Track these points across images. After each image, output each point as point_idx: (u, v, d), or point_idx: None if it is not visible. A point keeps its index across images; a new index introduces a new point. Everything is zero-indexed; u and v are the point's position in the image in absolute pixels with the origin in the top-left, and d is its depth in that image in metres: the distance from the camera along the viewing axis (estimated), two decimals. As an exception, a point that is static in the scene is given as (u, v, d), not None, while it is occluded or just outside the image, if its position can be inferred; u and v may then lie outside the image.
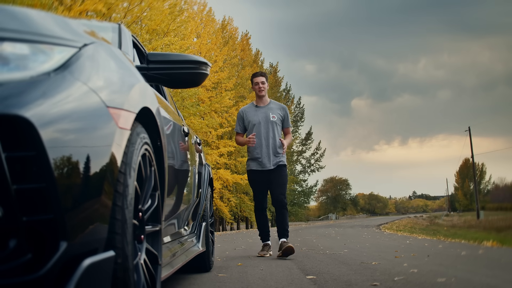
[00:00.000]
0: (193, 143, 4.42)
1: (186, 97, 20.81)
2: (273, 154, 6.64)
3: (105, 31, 2.99)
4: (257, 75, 6.87)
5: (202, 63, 3.00)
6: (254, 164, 6.72)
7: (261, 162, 6.63)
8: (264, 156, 6.62)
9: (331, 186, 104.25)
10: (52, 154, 1.40)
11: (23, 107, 1.37)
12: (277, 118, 6.76)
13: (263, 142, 6.65)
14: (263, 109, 6.79)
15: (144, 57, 2.94)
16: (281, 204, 6.52)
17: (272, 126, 6.69)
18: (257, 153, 6.67)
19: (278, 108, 6.87)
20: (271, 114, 6.75)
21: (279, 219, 6.56)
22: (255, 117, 6.75)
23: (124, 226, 1.73)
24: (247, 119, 6.81)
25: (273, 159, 6.63)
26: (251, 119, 6.76)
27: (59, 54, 1.64)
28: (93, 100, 1.65)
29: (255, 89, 6.85)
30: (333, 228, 25.41)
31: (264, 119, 6.70)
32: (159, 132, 2.44)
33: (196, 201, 4.46)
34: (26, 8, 1.76)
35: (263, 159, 6.62)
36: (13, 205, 1.34)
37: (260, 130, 6.68)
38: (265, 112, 6.75)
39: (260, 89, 6.78)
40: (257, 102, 6.91)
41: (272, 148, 6.64)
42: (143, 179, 2.09)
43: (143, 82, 2.29)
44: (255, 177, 6.71)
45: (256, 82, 6.82)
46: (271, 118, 6.71)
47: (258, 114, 6.76)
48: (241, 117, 6.89)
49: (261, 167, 6.64)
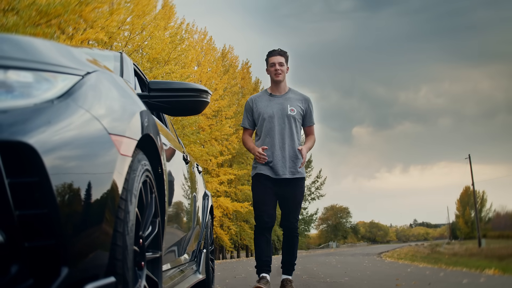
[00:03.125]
0: (193, 171, 4.43)
1: (186, 125, 20.87)
2: (290, 159, 5.08)
3: (107, 60, 3.03)
4: (274, 54, 5.26)
5: (202, 91, 3.03)
6: (264, 168, 5.10)
7: (274, 168, 5.06)
8: (278, 161, 5.05)
9: (332, 214, 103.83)
10: (55, 181, 1.42)
11: (27, 134, 1.39)
12: (297, 111, 5.19)
13: (276, 142, 5.09)
14: (279, 99, 5.22)
15: (146, 85, 2.97)
16: (292, 230, 5.16)
17: (289, 121, 5.13)
18: (268, 156, 5.08)
19: (299, 99, 5.28)
20: (289, 106, 5.18)
21: (287, 249, 5.22)
22: (267, 108, 5.19)
23: (125, 252, 1.74)
24: (257, 111, 5.23)
25: (290, 165, 5.07)
26: (262, 110, 5.20)
27: (62, 82, 1.67)
28: (96, 127, 1.67)
29: (270, 72, 5.26)
30: (333, 256, 25.25)
31: (279, 112, 5.15)
32: (160, 159, 2.46)
33: (196, 228, 4.46)
34: (29, 37, 1.79)
35: (276, 164, 5.05)
36: (16, 231, 1.35)
37: (273, 126, 5.12)
38: (281, 103, 5.19)
39: (276, 71, 5.19)
40: (271, 90, 5.33)
41: (289, 151, 5.09)
42: (144, 205, 2.10)
43: (145, 109, 2.31)
44: (263, 183, 5.09)
45: (272, 62, 5.23)
46: (288, 111, 5.15)
47: (272, 105, 5.19)
48: (249, 108, 5.32)
49: (274, 174, 5.06)
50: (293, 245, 5.19)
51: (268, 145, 5.10)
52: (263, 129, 5.17)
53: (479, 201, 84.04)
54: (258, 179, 5.12)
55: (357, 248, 62.51)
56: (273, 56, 5.23)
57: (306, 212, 50.71)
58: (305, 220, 50.69)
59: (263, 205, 5.04)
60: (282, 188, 5.08)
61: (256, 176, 5.16)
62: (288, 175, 5.05)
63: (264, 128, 5.15)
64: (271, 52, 5.28)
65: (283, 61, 5.23)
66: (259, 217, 5.08)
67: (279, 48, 5.27)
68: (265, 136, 5.14)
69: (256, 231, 5.17)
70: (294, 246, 5.20)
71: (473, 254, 24.92)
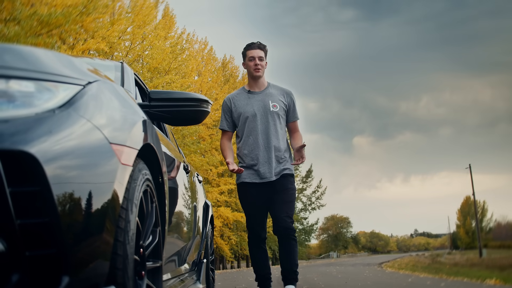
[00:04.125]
0: (193, 180, 4.44)
1: (187, 135, 20.89)
2: (275, 159, 4.65)
3: (108, 69, 3.04)
4: (253, 47, 4.79)
5: (203, 101, 3.03)
6: (248, 174, 4.68)
7: (258, 171, 4.63)
8: (263, 163, 4.62)
9: (332, 224, 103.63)
10: (56, 190, 1.42)
11: (29, 143, 1.40)
12: (280, 107, 4.76)
13: (260, 142, 4.65)
14: (259, 96, 4.78)
15: (146, 95, 2.98)
16: (287, 231, 4.52)
17: (273, 119, 4.70)
18: (252, 159, 4.66)
19: (280, 93, 4.85)
20: (271, 102, 4.75)
21: (285, 255, 4.57)
22: (248, 106, 4.73)
23: (125, 262, 1.74)
24: (236, 111, 4.77)
25: (276, 166, 4.65)
26: (242, 110, 4.74)
27: (63, 92, 1.68)
28: (97, 137, 1.68)
29: (249, 67, 4.78)
30: (334, 266, 25.18)
31: (261, 109, 4.71)
32: (161, 169, 2.46)
33: (196, 238, 4.46)
34: (31, 47, 1.80)
35: (260, 166, 4.62)
36: (17, 239, 1.36)
37: (256, 125, 4.67)
38: (262, 100, 4.75)
39: (256, 67, 4.73)
40: (250, 86, 4.86)
41: (275, 150, 4.66)
42: (144, 215, 2.10)
43: (145, 119, 2.32)
44: (249, 193, 4.68)
45: (252, 56, 4.76)
46: (271, 108, 4.72)
47: (253, 103, 4.74)
48: (228, 108, 4.83)
49: (259, 178, 4.63)
50: (291, 249, 4.57)
51: (252, 146, 4.67)
52: (245, 129, 4.71)
53: (480, 211, 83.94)
54: (244, 190, 4.73)
55: (358, 258, 62.37)
56: (252, 50, 4.77)
57: (307, 222, 50.64)
58: (306, 230, 50.59)
59: (254, 218, 4.71)
60: (271, 191, 4.65)
61: (241, 186, 4.75)
62: (275, 176, 4.63)
63: (246, 128, 4.70)
64: (250, 45, 4.81)
65: (263, 55, 4.80)
66: (252, 229, 4.76)
67: (258, 41, 4.83)
68: (247, 137, 4.70)
69: (251, 243, 4.81)
70: (293, 251, 4.58)
71: (474, 264, 24.85)
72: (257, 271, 4.78)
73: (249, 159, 4.67)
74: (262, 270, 4.75)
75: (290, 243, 4.55)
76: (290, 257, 4.55)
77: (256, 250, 4.78)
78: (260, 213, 4.71)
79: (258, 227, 4.72)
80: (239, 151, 4.77)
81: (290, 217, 4.55)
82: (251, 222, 4.73)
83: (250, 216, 4.73)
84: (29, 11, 8.76)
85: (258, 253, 4.77)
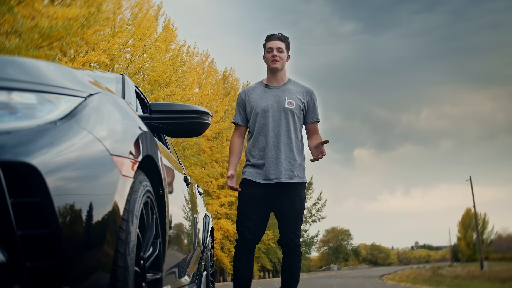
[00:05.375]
0: (194, 192, 4.44)
1: (187, 147, 20.89)
2: (285, 160, 4.20)
3: (109, 82, 3.05)
4: (272, 38, 4.42)
5: (203, 113, 3.04)
6: (253, 172, 4.26)
7: (265, 170, 4.20)
8: (271, 162, 4.19)
9: (333, 236, 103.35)
10: (57, 201, 1.43)
11: (30, 155, 1.41)
12: (296, 105, 4.31)
13: (270, 140, 4.23)
14: (275, 91, 4.36)
15: (147, 107, 2.99)
16: (291, 248, 4.25)
17: (286, 116, 4.27)
18: (260, 157, 4.27)
19: (299, 91, 4.41)
20: (286, 98, 4.31)
21: (287, 269, 4.30)
22: (261, 101, 4.33)
23: (126, 273, 1.74)
24: (249, 104, 4.38)
25: (286, 167, 4.19)
26: (255, 103, 4.34)
27: (65, 104, 1.69)
28: (98, 148, 1.69)
29: (267, 59, 4.41)
30: (335, 278, 25.09)
31: (275, 104, 4.29)
32: (161, 181, 2.47)
33: (197, 250, 4.45)
34: (33, 59, 1.82)
35: (268, 166, 4.19)
36: (18, 251, 1.36)
37: (267, 122, 4.27)
38: (277, 95, 4.33)
39: (274, 58, 4.34)
40: (267, 80, 4.46)
41: (285, 150, 4.23)
42: (145, 226, 2.11)
43: (146, 131, 2.33)
44: (249, 192, 4.22)
45: (270, 47, 4.38)
46: (286, 105, 4.28)
47: (267, 98, 4.33)
48: (241, 101, 4.46)
49: (263, 178, 4.19)
50: (293, 265, 4.27)
51: (261, 144, 4.26)
52: (256, 125, 4.32)
53: (481, 223, 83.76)
54: (245, 187, 4.25)
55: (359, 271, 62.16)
56: (272, 41, 4.40)
57: (307, 235, 50.54)
58: (306, 242, 50.48)
59: (247, 219, 4.19)
60: (277, 196, 4.22)
61: (243, 183, 4.30)
62: (284, 179, 4.16)
63: (257, 124, 4.31)
64: (270, 36, 4.45)
65: (283, 47, 4.38)
66: (241, 232, 4.22)
67: (279, 32, 4.46)
68: (258, 134, 4.32)
69: (237, 248, 4.28)
70: (295, 266, 4.27)
71: (475, 276, 24.75)
72: (236, 279, 4.27)
73: (257, 158, 4.27)
74: (242, 278, 4.24)
75: (293, 259, 4.27)
76: (292, 272, 4.28)
77: (240, 257, 4.26)
78: (254, 216, 4.19)
79: (247, 232, 4.19)
80: (248, 149, 4.38)
81: (296, 233, 4.23)
82: (241, 225, 4.22)
83: (243, 217, 4.21)
84: (30, 24, 8.80)
85: (242, 260, 4.25)
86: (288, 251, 4.27)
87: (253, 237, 4.21)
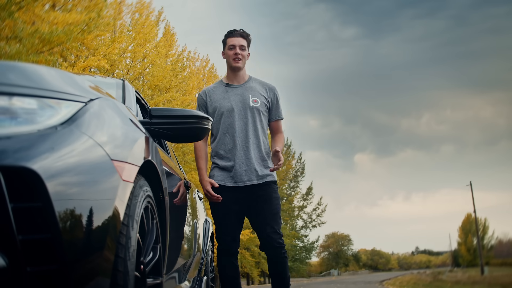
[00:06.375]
0: (194, 198, 4.44)
1: (187, 152, 20.89)
2: (256, 161, 4.07)
3: (110, 87, 3.06)
4: (234, 34, 4.23)
5: (203, 118, 3.04)
6: (222, 176, 4.09)
7: (235, 172, 4.04)
8: (240, 164, 4.04)
9: (333, 241, 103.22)
10: (58, 206, 1.43)
11: (31, 160, 1.41)
12: (261, 102, 4.19)
13: (238, 141, 4.08)
14: (238, 90, 4.21)
15: (147, 112, 2.99)
16: (278, 248, 3.99)
17: (253, 115, 4.14)
18: (228, 159, 4.09)
19: (262, 88, 4.29)
20: (251, 96, 4.18)
21: (276, 274, 4.07)
22: (224, 101, 4.16)
23: (126, 278, 1.74)
24: (212, 105, 4.20)
25: (257, 169, 4.06)
26: (218, 104, 4.16)
27: (66, 109, 1.69)
28: (99, 153, 1.69)
29: (228, 56, 4.22)
30: (335, 284, 25.06)
31: (240, 103, 4.15)
32: (161, 186, 2.47)
33: (197, 255, 4.45)
34: (34, 65, 1.82)
35: (237, 167, 4.04)
36: (18, 255, 1.36)
37: (233, 121, 4.10)
38: (241, 94, 4.18)
39: (236, 56, 4.18)
40: (228, 79, 4.30)
41: (254, 151, 4.09)
42: (145, 231, 2.11)
43: (147, 136, 2.34)
44: (223, 198, 4.01)
45: (232, 44, 4.20)
46: (251, 103, 4.15)
47: (230, 97, 4.17)
48: (202, 102, 4.26)
49: (234, 181, 4.04)
50: (282, 268, 4.03)
51: (228, 145, 4.09)
52: (220, 126, 4.14)
53: (481, 228, 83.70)
54: (216, 193, 4.03)
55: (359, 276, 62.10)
56: (234, 37, 4.20)
57: (307, 240, 50.46)
58: (306, 247, 50.40)
59: (225, 227, 4.05)
60: (250, 199, 4.05)
61: (212, 189, 4.05)
62: (256, 180, 4.03)
63: (222, 124, 4.13)
64: (231, 32, 4.24)
65: (245, 44, 4.22)
66: (221, 240, 4.09)
67: (241, 29, 4.27)
68: (223, 135, 4.13)
69: (220, 258, 4.14)
70: (284, 269, 4.04)
71: (476, 282, 24.71)
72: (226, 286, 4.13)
73: (225, 160, 4.10)
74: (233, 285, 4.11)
75: (280, 262, 4.01)
76: (282, 276, 4.05)
77: (226, 264, 4.09)
78: (232, 222, 4.05)
79: (228, 239, 4.05)
80: (214, 151, 4.19)
81: (278, 231, 4.01)
82: (220, 233, 4.07)
83: (219, 225, 4.07)
84: (31, 29, 8.81)
85: (228, 267, 4.09)
86: (274, 254, 4.00)
87: (235, 243, 4.10)
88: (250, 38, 4.32)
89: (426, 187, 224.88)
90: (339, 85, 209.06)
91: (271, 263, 4.07)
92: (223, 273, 4.10)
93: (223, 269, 4.10)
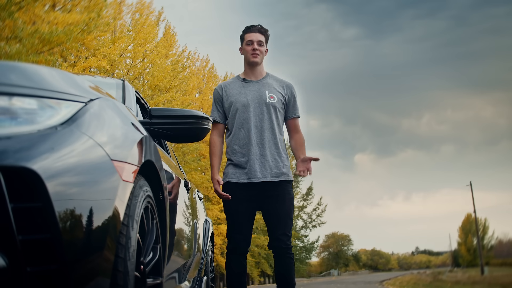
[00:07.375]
0: (194, 198, 4.44)
1: (187, 152, 20.91)
2: (271, 157, 4.03)
3: (110, 87, 3.06)
4: (252, 30, 4.21)
5: (203, 118, 3.05)
6: (236, 172, 4.06)
7: (250, 168, 4.00)
8: (255, 160, 3.99)
9: (333, 241, 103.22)
10: (58, 206, 1.43)
11: (31, 160, 1.41)
12: (277, 99, 4.15)
13: (253, 136, 4.03)
14: (254, 85, 4.18)
15: (147, 112, 3.00)
16: (284, 251, 3.99)
17: (269, 111, 4.10)
18: (242, 155, 4.05)
19: (279, 85, 4.25)
20: (267, 92, 4.14)
21: (281, 274, 4.03)
22: (240, 96, 4.13)
23: (126, 278, 1.74)
24: (228, 100, 4.17)
25: (272, 166, 4.02)
26: (234, 98, 4.13)
27: (66, 109, 1.69)
28: (99, 154, 1.69)
29: (246, 52, 4.21)
30: (335, 284, 25.05)
31: (255, 99, 4.11)
32: (161, 186, 2.47)
33: (197, 255, 4.45)
34: (34, 65, 1.82)
35: (252, 164, 3.99)
36: (18, 256, 1.36)
37: (248, 117, 4.07)
38: (257, 90, 4.15)
39: (254, 52, 4.16)
40: (245, 74, 4.27)
41: (270, 147, 4.05)
42: (145, 231, 2.11)
43: (146, 136, 2.34)
44: (235, 195, 4.00)
45: (250, 40, 4.18)
46: (267, 99, 4.11)
47: (247, 92, 4.14)
48: (218, 97, 4.24)
49: (248, 177, 3.99)
50: (288, 269, 4.02)
51: (243, 140, 4.05)
52: (235, 121, 4.11)
53: (481, 228, 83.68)
54: (230, 191, 4.02)
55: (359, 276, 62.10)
56: (252, 33, 4.19)
57: (307, 240, 50.46)
58: (306, 247, 50.40)
59: (238, 225, 4.02)
60: (263, 196, 4.02)
61: (226, 186, 4.06)
62: (270, 177, 3.99)
63: (237, 119, 4.10)
64: (249, 27, 4.23)
65: (263, 40, 4.21)
66: (233, 239, 4.05)
67: (259, 24, 4.26)
68: (238, 130, 4.10)
69: (229, 256, 4.09)
70: (290, 271, 4.03)
71: (476, 282, 24.70)
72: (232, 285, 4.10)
73: (239, 155, 4.05)
74: (238, 284, 4.08)
75: (287, 262, 4.02)
76: (288, 277, 4.04)
77: (234, 265, 4.06)
78: (244, 221, 4.02)
79: (239, 238, 4.02)
80: (229, 147, 4.15)
81: (288, 234, 4.00)
82: (232, 231, 4.04)
83: (232, 223, 4.04)
84: (31, 29, 8.82)
85: (236, 268, 4.05)
86: (281, 255, 4.01)
87: (246, 243, 4.06)
88: (268, 34, 4.31)
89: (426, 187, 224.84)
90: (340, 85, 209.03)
91: (279, 263, 4.05)
92: (230, 270, 4.07)
93: (232, 268, 4.06)
